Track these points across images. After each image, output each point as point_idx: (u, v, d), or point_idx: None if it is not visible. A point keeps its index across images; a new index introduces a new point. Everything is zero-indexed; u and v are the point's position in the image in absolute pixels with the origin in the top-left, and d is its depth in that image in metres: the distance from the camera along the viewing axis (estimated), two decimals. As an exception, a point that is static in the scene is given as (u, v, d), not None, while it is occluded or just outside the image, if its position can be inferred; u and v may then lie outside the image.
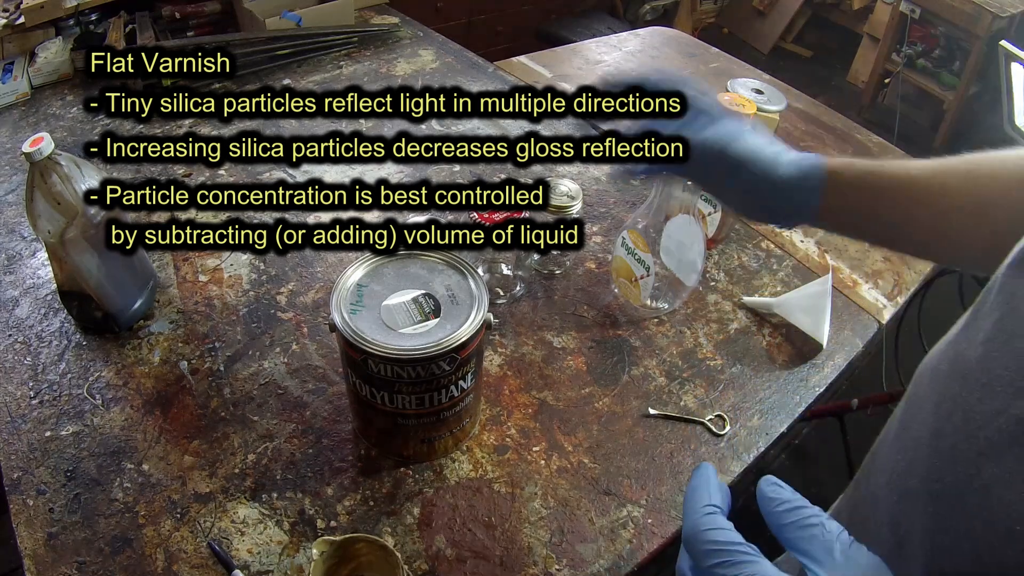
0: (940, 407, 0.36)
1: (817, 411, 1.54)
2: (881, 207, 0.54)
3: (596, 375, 0.77)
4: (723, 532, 0.33)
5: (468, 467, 0.68)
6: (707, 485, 0.36)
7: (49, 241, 0.69)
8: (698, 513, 0.34)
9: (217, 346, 0.77)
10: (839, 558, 0.31)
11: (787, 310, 0.84)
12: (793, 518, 0.33)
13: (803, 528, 0.32)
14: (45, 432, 0.68)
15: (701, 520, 0.33)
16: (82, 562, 0.59)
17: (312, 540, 0.60)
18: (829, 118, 1.30)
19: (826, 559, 0.31)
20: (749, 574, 0.30)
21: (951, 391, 0.35)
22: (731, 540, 0.32)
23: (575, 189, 0.82)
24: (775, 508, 0.34)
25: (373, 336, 0.57)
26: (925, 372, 0.40)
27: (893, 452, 0.41)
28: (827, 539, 0.32)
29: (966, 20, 2.54)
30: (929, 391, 0.38)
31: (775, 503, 0.34)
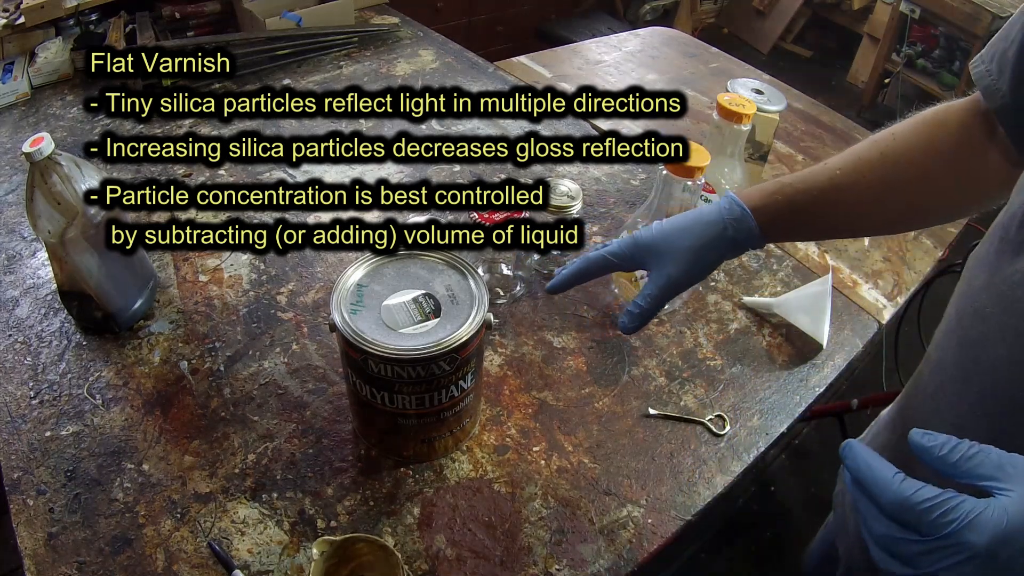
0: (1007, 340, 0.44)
1: (817, 411, 1.55)
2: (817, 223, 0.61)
3: (596, 375, 0.77)
4: (926, 488, 0.36)
5: (468, 467, 0.68)
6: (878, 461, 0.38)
7: (49, 241, 0.69)
8: (894, 483, 0.37)
9: (217, 346, 0.77)
10: (1011, 470, 0.35)
11: (787, 310, 0.84)
12: (958, 455, 0.36)
13: (969, 459, 0.36)
14: (45, 432, 0.68)
15: (904, 487, 0.36)
16: (82, 562, 0.59)
17: (312, 540, 0.60)
18: (829, 118, 1.30)
19: (1001, 474, 0.35)
20: (968, 510, 0.34)
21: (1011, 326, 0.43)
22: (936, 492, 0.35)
23: (575, 189, 0.82)
24: (939, 453, 0.37)
25: (373, 336, 0.57)
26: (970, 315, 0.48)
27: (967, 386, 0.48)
28: (992, 459, 0.36)
29: (966, 20, 2.55)
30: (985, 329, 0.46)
31: (936, 448, 0.37)
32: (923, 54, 2.84)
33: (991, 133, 0.55)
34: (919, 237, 1.04)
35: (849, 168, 0.58)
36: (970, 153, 0.56)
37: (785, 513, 1.68)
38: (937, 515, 0.35)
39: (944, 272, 1.35)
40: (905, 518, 0.36)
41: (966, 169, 0.57)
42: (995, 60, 0.53)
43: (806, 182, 0.59)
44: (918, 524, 0.36)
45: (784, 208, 0.59)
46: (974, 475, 0.36)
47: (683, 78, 1.38)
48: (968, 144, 0.56)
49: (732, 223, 0.59)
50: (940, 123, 0.58)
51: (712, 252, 0.60)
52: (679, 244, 0.60)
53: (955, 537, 0.34)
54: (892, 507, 0.37)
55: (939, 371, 0.54)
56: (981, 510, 0.34)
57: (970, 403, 0.48)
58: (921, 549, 0.36)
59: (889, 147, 0.58)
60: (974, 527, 0.34)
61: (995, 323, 0.45)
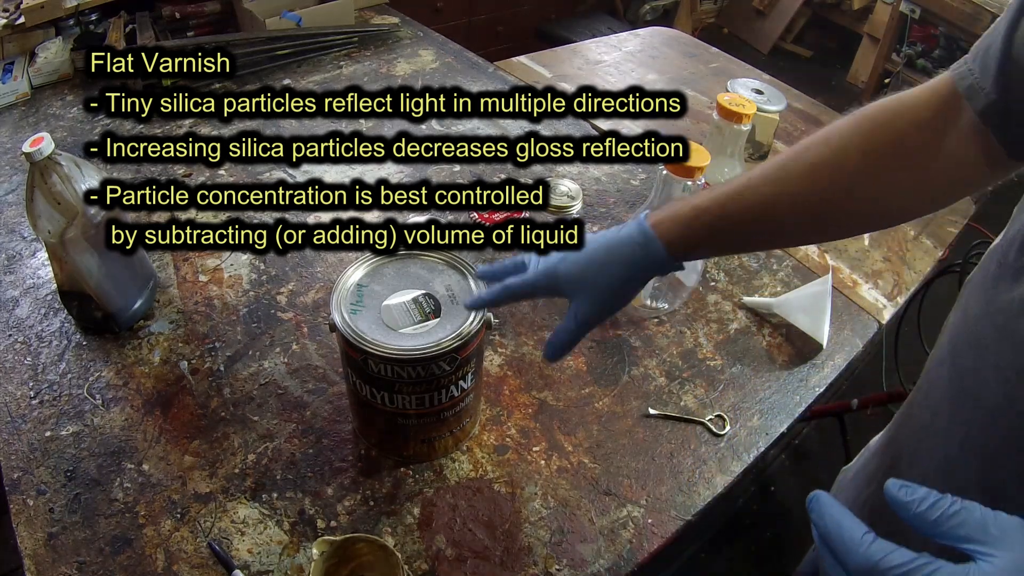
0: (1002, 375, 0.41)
1: (817, 411, 1.55)
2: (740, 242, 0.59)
3: (596, 375, 0.77)
4: (897, 553, 0.33)
5: (468, 467, 0.68)
6: (846, 518, 0.36)
7: (49, 241, 0.69)
8: (863, 545, 0.34)
9: (217, 346, 0.77)
10: (995, 532, 0.32)
11: (787, 310, 0.84)
12: (937, 512, 0.33)
13: (951, 517, 0.33)
14: (45, 432, 0.68)
15: (871, 551, 0.34)
16: (82, 562, 0.59)
17: (312, 540, 0.60)
18: (829, 118, 1.30)
19: (984, 536, 0.32)
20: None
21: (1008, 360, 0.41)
22: (908, 557, 0.33)
23: (575, 189, 0.82)
24: (917, 509, 0.34)
25: (373, 336, 0.57)
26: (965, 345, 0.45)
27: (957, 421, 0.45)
28: (976, 518, 0.33)
29: (966, 20, 2.54)
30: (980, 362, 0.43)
31: (915, 504, 0.34)
32: (923, 54, 2.84)
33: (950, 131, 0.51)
34: (919, 237, 1.04)
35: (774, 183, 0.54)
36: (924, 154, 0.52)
37: (785, 513, 1.68)
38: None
39: (944, 272, 1.35)
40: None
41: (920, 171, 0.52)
42: (978, 59, 0.50)
43: (725, 207, 0.54)
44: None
45: (703, 235, 0.55)
46: (954, 536, 0.33)
47: (683, 78, 1.38)
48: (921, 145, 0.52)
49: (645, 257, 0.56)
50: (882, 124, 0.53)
51: (627, 287, 0.58)
52: (595, 281, 0.58)
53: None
54: (860, 571, 0.34)
55: (929, 403, 0.51)
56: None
57: (960, 439, 0.46)
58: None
59: (820, 156, 0.53)
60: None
61: (991, 354, 0.43)
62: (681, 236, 0.55)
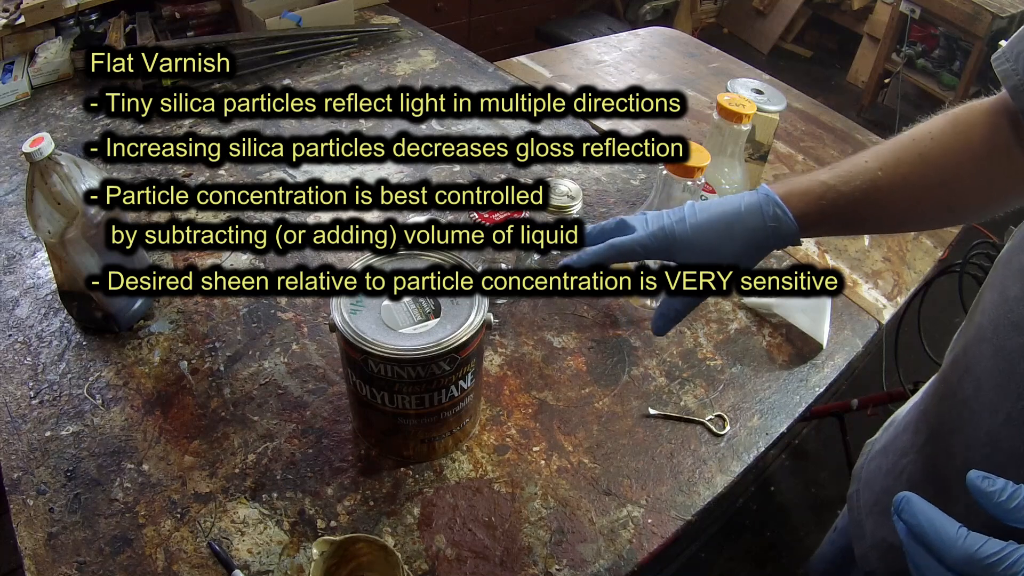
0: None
1: (817, 411, 1.55)
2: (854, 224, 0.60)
3: (596, 375, 0.77)
4: (991, 543, 0.36)
5: (468, 467, 0.68)
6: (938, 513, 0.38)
7: (49, 241, 0.69)
8: (959, 539, 0.37)
9: (217, 346, 0.77)
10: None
11: (787, 310, 0.84)
12: (1016, 502, 0.36)
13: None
14: (45, 432, 0.68)
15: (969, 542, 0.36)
16: (82, 562, 0.59)
17: (312, 540, 0.60)
18: (829, 118, 1.30)
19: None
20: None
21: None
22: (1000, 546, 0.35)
23: (575, 189, 0.82)
24: (999, 499, 0.37)
25: (373, 336, 0.57)
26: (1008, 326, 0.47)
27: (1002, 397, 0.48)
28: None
29: (966, 20, 2.54)
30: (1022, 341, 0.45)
31: (996, 495, 0.37)
32: (923, 54, 2.84)
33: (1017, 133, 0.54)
34: (919, 237, 1.04)
35: (890, 169, 0.57)
36: (999, 154, 0.55)
37: (785, 513, 1.68)
38: (1004, 567, 0.35)
39: (944, 272, 1.35)
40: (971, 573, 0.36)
41: (996, 170, 0.56)
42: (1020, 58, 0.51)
43: (848, 184, 0.57)
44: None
45: (828, 212, 0.57)
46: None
47: (683, 78, 1.38)
48: (997, 145, 0.55)
49: (774, 231, 0.56)
50: (972, 124, 0.57)
51: (751, 259, 0.58)
52: (717, 249, 0.57)
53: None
54: (958, 564, 0.37)
55: (972, 379, 0.53)
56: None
57: (1007, 413, 0.48)
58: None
59: (927, 149, 0.57)
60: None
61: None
62: (807, 209, 0.56)
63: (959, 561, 0.36)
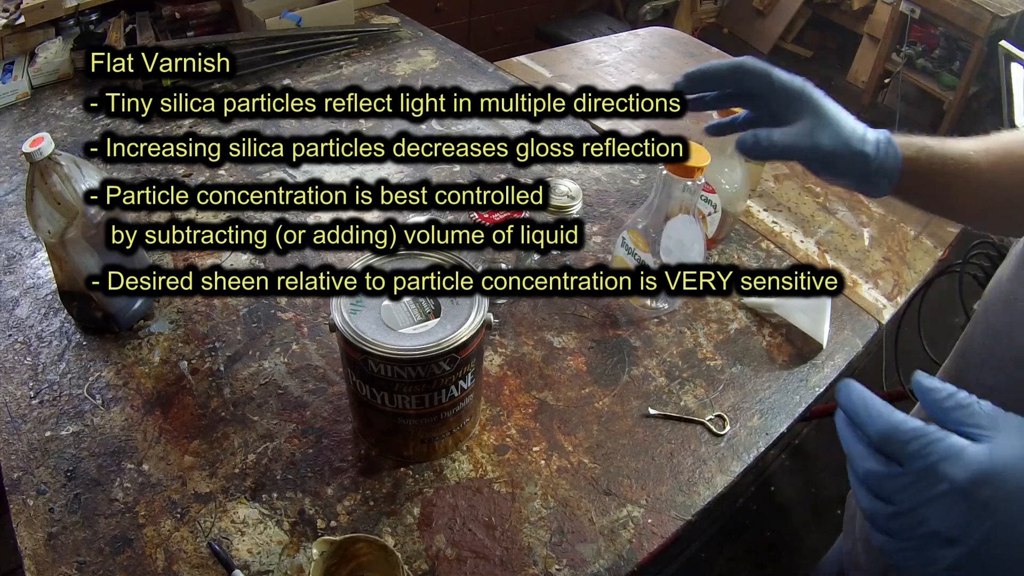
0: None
1: (817, 411, 1.54)
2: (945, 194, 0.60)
3: (596, 375, 0.77)
4: (913, 420, 0.37)
5: (468, 467, 0.68)
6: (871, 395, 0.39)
7: (49, 241, 0.69)
8: (885, 413, 0.38)
9: (217, 346, 0.77)
10: (1002, 423, 0.36)
11: (787, 310, 0.84)
12: (953, 402, 0.37)
13: (963, 408, 0.37)
14: (45, 432, 0.68)
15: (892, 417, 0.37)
16: (82, 562, 0.59)
17: (312, 540, 0.60)
18: (829, 118, 1.30)
19: (991, 424, 0.36)
20: (951, 444, 0.35)
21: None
22: (922, 424, 0.36)
23: (575, 189, 0.82)
24: (938, 397, 0.38)
25: (373, 336, 0.57)
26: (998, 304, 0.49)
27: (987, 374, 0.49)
28: (986, 412, 0.36)
29: (966, 20, 2.54)
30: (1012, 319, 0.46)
31: (936, 392, 0.38)
32: (923, 54, 2.84)
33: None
34: (919, 237, 1.04)
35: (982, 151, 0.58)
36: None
37: (785, 513, 1.68)
38: (920, 446, 0.35)
39: (944, 272, 1.35)
40: (890, 448, 0.37)
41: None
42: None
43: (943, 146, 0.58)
44: (901, 455, 0.36)
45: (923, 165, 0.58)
46: (966, 423, 0.36)
47: (683, 78, 1.38)
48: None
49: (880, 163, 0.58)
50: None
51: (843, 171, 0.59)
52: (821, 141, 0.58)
53: (934, 468, 0.35)
54: (879, 436, 0.37)
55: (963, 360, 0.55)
56: (965, 446, 0.35)
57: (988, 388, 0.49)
58: (902, 483, 0.36)
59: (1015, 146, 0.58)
60: (955, 461, 0.34)
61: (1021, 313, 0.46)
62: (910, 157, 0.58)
63: (879, 433, 0.37)
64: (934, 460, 0.35)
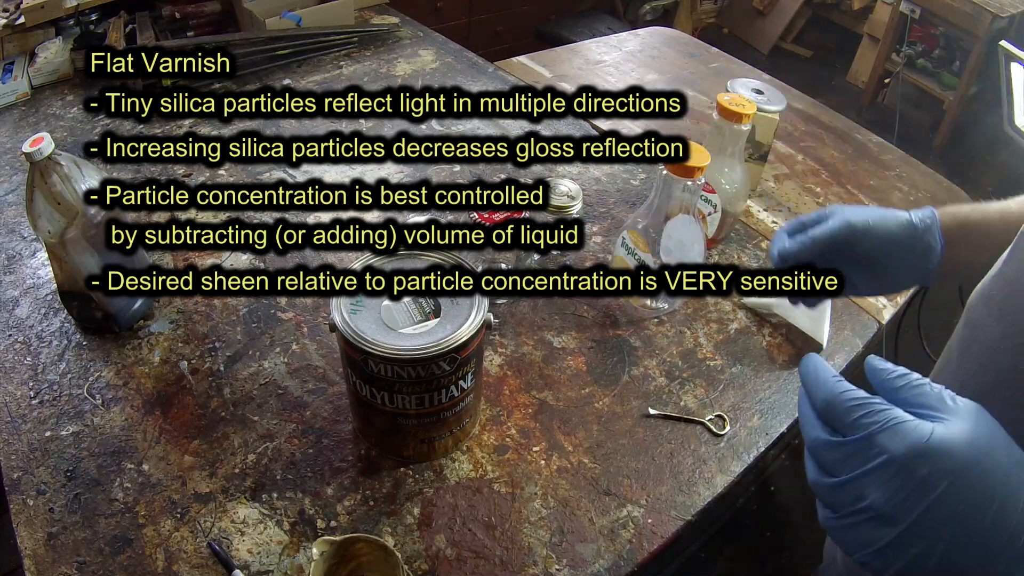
0: (1003, 318, 0.44)
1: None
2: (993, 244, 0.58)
3: (596, 375, 0.77)
4: (856, 391, 0.37)
5: (468, 467, 0.68)
6: (824, 365, 0.40)
7: (49, 241, 0.69)
8: (830, 382, 0.38)
9: (217, 346, 0.77)
10: (951, 405, 0.36)
11: (787, 310, 0.84)
12: (904, 381, 0.37)
13: (914, 388, 0.37)
14: (45, 432, 0.68)
15: (835, 385, 0.38)
16: (82, 562, 0.59)
17: (312, 540, 0.60)
18: (829, 118, 1.30)
19: (941, 406, 0.36)
20: (891, 416, 0.35)
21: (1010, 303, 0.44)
22: (865, 395, 0.36)
23: (575, 189, 0.82)
24: (887, 376, 0.38)
25: (373, 336, 0.57)
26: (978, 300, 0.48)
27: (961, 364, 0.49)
28: (936, 393, 0.36)
29: (966, 20, 2.54)
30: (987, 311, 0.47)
31: (886, 372, 0.38)
32: (923, 54, 2.84)
33: None
34: (919, 237, 1.04)
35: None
36: None
37: (785, 513, 1.68)
38: (860, 415, 0.35)
39: (944, 272, 1.35)
40: (832, 417, 0.37)
41: None
42: None
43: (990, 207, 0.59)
44: (841, 424, 0.36)
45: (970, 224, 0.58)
46: (915, 403, 0.36)
47: (683, 78, 1.38)
48: None
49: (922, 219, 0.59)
50: None
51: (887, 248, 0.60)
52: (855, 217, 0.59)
53: (871, 439, 0.35)
54: (823, 404, 0.38)
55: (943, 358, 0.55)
56: (905, 420, 0.34)
57: (961, 380, 0.49)
58: (842, 453, 0.36)
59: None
60: (893, 433, 0.34)
61: (996, 303, 0.46)
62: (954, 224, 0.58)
63: (822, 401, 0.38)
64: (874, 431, 0.35)
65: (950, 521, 0.33)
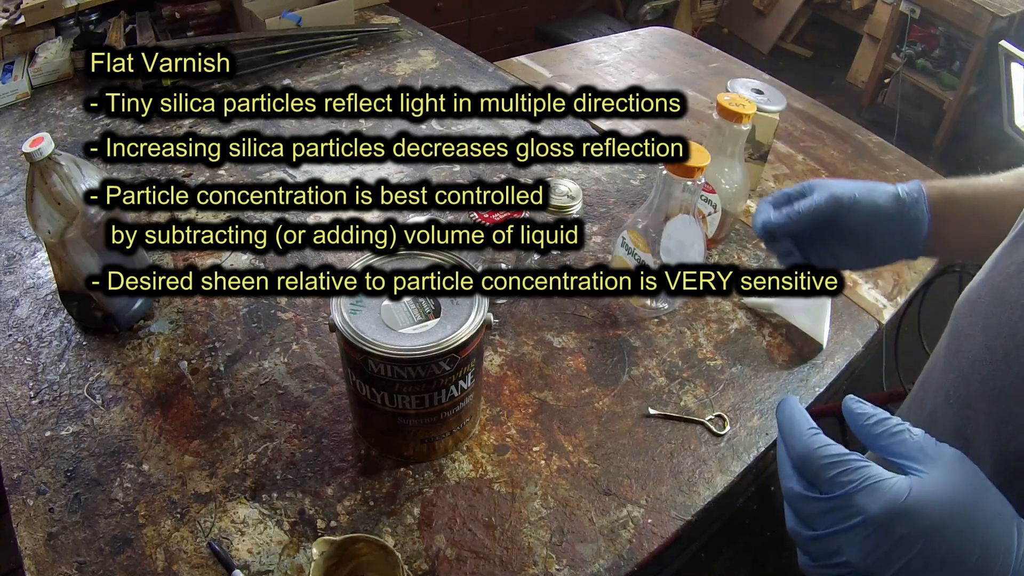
0: (987, 329, 0.43)
1: (817, 411, 1.54)
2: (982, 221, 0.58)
3: (596, 375, 0.77)
4: (833, 446, 0.36)
5: (468, 467, 0.68)
6: (801, 414, 0.39)
7: (49, 241, 0.69)
8: (805, 436, 0.37)
9: (217, 346, 0.77)
10: (931, 454, 0.35)
11: (787, 310, 0.84)
12: (882, 428, 0.36)
13: (893, 435, 0.36)
14: (45, 432, 0.68)
15: (811, 440, 0.37)
16: (82, 562, 0.59)
17: (312, 540, 0.60)
18: (829, 118, 1.30)
19: (920, 456, 0.35)
20: (868, 475, 0.34)
21: (994, 314, 0.42)
22: (842, 451, 0.36)
23: (575, 189, 0.82)
24: (865, 422, 0.37)
25: (373, 336, 0.57)
26: (965, 306, 0.47)
27: (947, 374, 0.48)
28: (916, 441, 0.36)
29: (966, 20, 2.54)
30: (973, 319, 0.45)
31: (864, 417, 0.37)
32: (923, 54, 2.84)
33: None
34: (919, 237, 1.04)
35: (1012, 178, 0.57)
36: None
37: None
38: (836, 473, 0.35)
39: (944, 272, 1.35)
40: (808, 472, 0.36)
41: None
42: None
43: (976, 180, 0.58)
44: (818, 480, 0.36)
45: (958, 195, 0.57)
46: (893, 452, 0.36)
47: (683, 78, 1.38)
48: None
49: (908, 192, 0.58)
50: None
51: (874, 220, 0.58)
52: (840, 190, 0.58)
53: (848, 499, 0.34)
54: (799, 459, 0.37)
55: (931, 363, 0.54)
56: (883, 479, 0.34)
57: (946, 391, 0.48)
58: (819, 508, 0.35)
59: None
60: (870, 492, 0.34)
61: (982, 312, 0.46)
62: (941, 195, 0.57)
63: (799, 456, 0.37)
64: (850, 490, 0.34)
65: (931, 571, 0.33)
